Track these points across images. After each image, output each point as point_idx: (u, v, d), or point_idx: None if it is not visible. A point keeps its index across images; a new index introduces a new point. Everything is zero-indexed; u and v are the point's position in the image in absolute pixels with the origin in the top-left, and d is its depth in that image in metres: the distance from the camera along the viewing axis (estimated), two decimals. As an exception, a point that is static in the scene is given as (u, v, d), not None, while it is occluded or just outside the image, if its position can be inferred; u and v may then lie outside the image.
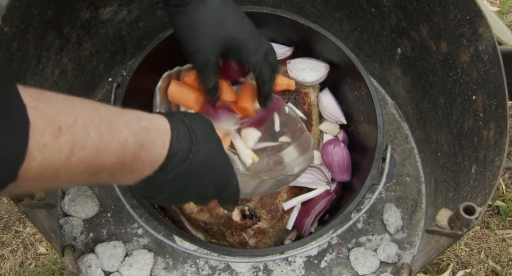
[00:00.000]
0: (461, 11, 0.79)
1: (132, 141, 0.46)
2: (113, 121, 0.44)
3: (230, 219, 0.84)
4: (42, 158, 0.37)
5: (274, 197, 0.87)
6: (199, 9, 0.68)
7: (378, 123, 0.86)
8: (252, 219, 0.86)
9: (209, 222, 0.85)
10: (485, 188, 0.69)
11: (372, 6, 1.00)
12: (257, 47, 0.72)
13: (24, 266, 1.19)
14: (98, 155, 0.42)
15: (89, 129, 0.40)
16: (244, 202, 0.86)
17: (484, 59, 0.75)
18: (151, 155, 0.49)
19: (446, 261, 1.19)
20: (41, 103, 0.38)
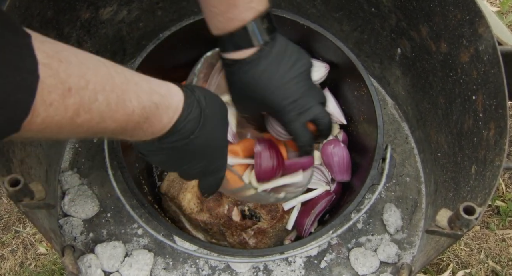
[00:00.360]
0: (461, 11, 0.79)
1: (139, 113, 0.47)
2: (125, 91, 0.45)
3: (230, 219, 0.84)
4: (46, 115, 0.38)
5: None
6: (242, 72, 0.68)
7: (378, 123, 0.86)
8: (252, 219, 0.86)
9: (209, 222, 0.86)
10: (485, 188, 0.69)
11: (372, 6, 1.00)
12: (297, 114, 0.69)
13: (24, 266, 1.19)
14: (101, 121, 0.43)
15: (98, 95, 0.41)
16: (244, 202, 0.86)
17: (484, 59, 0.75)
18: (154, 128, 0.50)
19: (446, 261, 1.19)
20: (55, 62, 0.38)
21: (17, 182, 0.63)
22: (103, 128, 0.44)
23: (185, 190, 0.87)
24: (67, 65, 0.39)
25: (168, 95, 0.51)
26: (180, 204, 0.87)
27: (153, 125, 0.50)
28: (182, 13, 1.08)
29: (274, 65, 0.68)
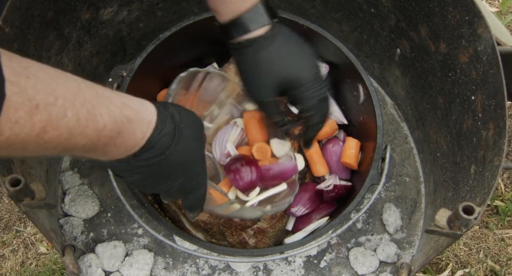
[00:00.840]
0: (460, 11, 0.79)
1: (110, 128, 0.46)
2: (96, 105, 0.44)
3: (230, 219, 0.85)
4: (11, 133, 0.37)
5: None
6: (261, 49, 0.68)
7: (377, 123, 0.86)
8: None
9: (209, 222, 0.86)
10: (484, 188, 0.69)
11: (372, 7, 1.00)
12: (315, 91, 0.70)
13: (25, 265, 1.19)
14: (71, 137, 0.42)
15: (67, 110, 0.41)
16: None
17: (483, 59, 0.75)
18: (127, 143, 0.49)
19: (445, 260, 1.19)
20: (23, 79, 0.37)
21: (17, 182, 0.63)
22: (73, 144, 0.43)
23: None
24: (35, 81, 0.38)
25: (141, 109, 0.50)
26: (180, 204, 0.87)
27: (126, 140, 0.48)
28: (182, 14, 1.08)
29: (290, 40, 0.70)
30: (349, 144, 0.92)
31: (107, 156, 0.50)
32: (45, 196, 0.71)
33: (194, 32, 0.94)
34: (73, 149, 0.44)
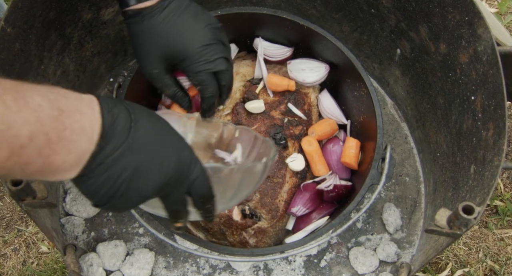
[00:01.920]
0: (460, 12, 0.79)
1: (48, 106, 0.40)
2: (21, 90, 0.39)
3: (231, 219, 0.85)
4: None
5: (275, 197, 0.88)
6: (152, 19, 0.66)
7: (377, 123, 0.87)
8: (253, 218, 0.87)
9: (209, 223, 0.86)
10: (484, 188, 0.69)
11: (372, 7, 1.00)
12: (202, 65, 0.67)
13: (27, 264, 1.20)
14: (9, 127, 0.37)
15: None
16: (245, 201, 0.87)
17: (483, 60, 0.75)
18: (82, 122, 0.42)
19: (445, 260, 1.19)
20: None
21: (19, 181, 0.64)
22: (18, 137, 0.37)
23: None
24: None
25: (74, 94, 0.44)
26: None
27: (76, 119, 0.41)
28: (183, 14, 1.09)
29: (179, 10, 0.67)
30: (349, 144, 0.92)
31: (72, 152, 0.41)
32: (47, 195, 0.71)
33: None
34: (24, 146, 0.38)
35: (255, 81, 0.98)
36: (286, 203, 0.88)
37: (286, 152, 0.91)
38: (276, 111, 0.94)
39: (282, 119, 0.94)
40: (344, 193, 0.90)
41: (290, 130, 0.93)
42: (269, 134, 0.91)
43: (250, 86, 0.97)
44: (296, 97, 0.97)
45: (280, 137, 0.91)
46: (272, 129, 0.91)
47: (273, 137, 0.90)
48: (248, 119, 0.93)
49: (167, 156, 0.47)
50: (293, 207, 0.89)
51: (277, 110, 0.94)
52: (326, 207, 0.92)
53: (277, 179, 0.88)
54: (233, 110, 0.93)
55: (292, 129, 0.93)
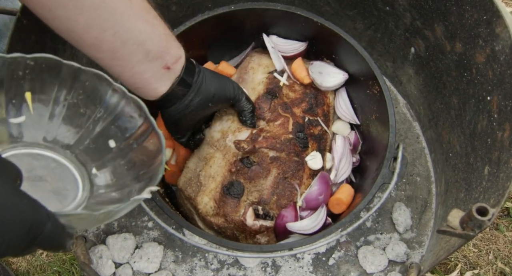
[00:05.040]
0: (478, 11, 0.78)
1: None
2: None
3: (245, 225, 0.84)
4: None
5: (291, 199, 0.86)
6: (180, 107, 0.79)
7: (390, 122, 0.86)
8: (266, 219, 0.86)
9: (223, 226, 0.85)
10: (498, 190, 0.68)
11: (387, 5, 0.99)
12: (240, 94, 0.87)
13: (36, 255, 1.21)
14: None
15: None
16: (261, 203, 0.85)
17: (501, 59, 0.74)
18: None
19: (454, 261, 1.19)
20: None
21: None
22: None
23: (202, 193, 0.86)
24: None
25: None
26: (196, 206, 0.86)
27: None
28: (196, 9, 1.09)
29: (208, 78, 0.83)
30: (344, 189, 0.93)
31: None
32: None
33: (208, 27, 0.94)
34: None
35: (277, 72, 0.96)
36: None
37: (306, 152, 0.89)
38: (298, 109, 0.92)
39: (303, 118, 0.92)
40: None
41: (310, 130, 0.92)
42: (293, 132, 0.89)
43: (273, 78, 0.94)
44: (317, 96, 0.95)
45: (303, 136, 0.89)
46: (295, 127, 0.89)
47: (296, 136, 0.89)
48: (271, 114, 0.90)
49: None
50: None
51: (299, 108, 0.92)
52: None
53: (295, 180, 0.86)
54: (255, 103, 0.90)
55: (312, 129, 0.92)
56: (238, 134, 0.87)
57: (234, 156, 0.86)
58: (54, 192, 0.64)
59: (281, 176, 0.86)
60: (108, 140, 0.69)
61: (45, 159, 0.66)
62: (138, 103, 0.68)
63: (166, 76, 0.71)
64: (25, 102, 0.64)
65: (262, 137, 0.87)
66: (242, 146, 0.85)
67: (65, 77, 0.65)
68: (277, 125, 0.89)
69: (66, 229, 0.48)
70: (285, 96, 0.93)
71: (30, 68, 0.61)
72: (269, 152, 0.86)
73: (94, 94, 0.67)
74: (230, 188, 0.84)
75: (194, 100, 0.78)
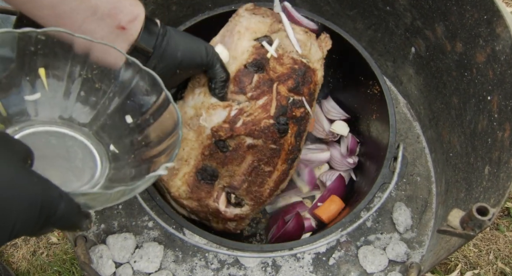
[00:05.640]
0: (479, 10, 0.78)
1: None
2: None
3: (219, 212, 0.82)
4: None
5: (262, 186, 0.83)
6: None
7: (390, 122, 0.86)
8: (236, 206, 0.84)
9: (196, 210, 0.83)
10: (499, 189, 0.68)
11: (387, 5, 0.99)
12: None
13: (36, 254, 1.21)
14: None
15: None
16: (231, 189, 0.83)
17: (501, 59, 0.74)
18: None
19: (454, 261, 1.19)
20: None
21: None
22: None
23: (175, 177, 0.81)
24: None
25: None
26: (168, 189, 0.83)
27: None
28: (196, 9, 1.09)
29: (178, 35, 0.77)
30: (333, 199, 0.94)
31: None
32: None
33: (208, 27, 0.94)
34: None
35: (262, 39, 0.84)
36: (271, 190, 0.84)
37: (284, 138, 0.82)
38: (283, 86, 0.82)
39: (287, 98, 0.82)
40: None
41: (292, 112, 0.82)
42: (274, 116, 0.80)
43: (260, 47, 0.83)
44: (306, 73, 0.84)
45: (283, 122, 0.81)
46: (278, 110, 0.80)
47: (276, 121, 0.80)
48: (253, 90, 0.80)
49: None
50: None
51: (285, 85, 0.82)
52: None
53: (269, 167, 0.82)
54: (235, 76, 0.81)
55: (294, 111, 0.82)
56: (212, 112, 0.80)
57: (209, 139, 0.79)
58: (71, 170, 0.62)
59: (256, 164, 0.81)
60: (125, 116, 0.67)
61: (62, 136, 0.64)
62: (153, 77, 0.65)
63: (121, 38, 0.65)
64: (39, 79, 0.62)
65: (242, 123, 0.79)
66: (219, 134, 0.78)
67: (78, 52, 0.62)
68: (259, 106, 0.80)
69: (81, 209, 0.48)
70: (272, 70, 0.82)
71: (42, 43, 0.59)
72: (246, 138, 0.80)
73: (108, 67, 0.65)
74: (204, 174, 0.81)
75: (157, 66, 0.70)
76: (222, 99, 0.80)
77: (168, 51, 0.70)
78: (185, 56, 0.72)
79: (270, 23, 0.86)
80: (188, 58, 0.73)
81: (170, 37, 0.71)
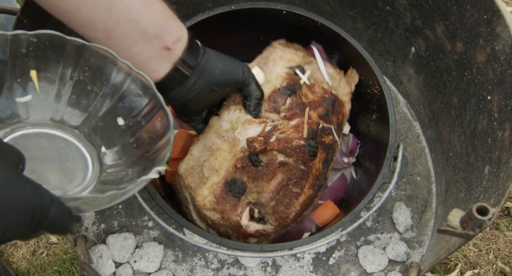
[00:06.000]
0: (479, 10, 0.78)
1: None
2: None
3: (240, 227, 0.82)
4: None
5: (289, 207, 0.83)
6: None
7: (390, 122, 0.86)
8: (259, 222, 0.84)
9: (218, 223, 0.83)
10: (499, 189, 0.68)
11: (387, 4, 0.99)
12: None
13: (36, 254, 1.21)
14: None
15: None
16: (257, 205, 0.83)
17: (501, 59, 0.74)
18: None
19: (454, 261, 1.19)
20: None
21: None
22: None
23: (203, 186, 0.82)
24: None
25: None
26: (194, 197, 0.84)
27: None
28: (196, 8, 1.09)
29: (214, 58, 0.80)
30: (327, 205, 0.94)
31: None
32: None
33: (208, 26, 0.94)
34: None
35: (295, 68, 0.89)
36: (296, 214, 0.84)
37: (313, 162, 0.84)
38: (314, 113, 0.86)
39: (317, 124, 0.85)
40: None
41: (322, 138, 0.85)
42: (306, 138, 0.83)
43: (294, 75, 0.88)
44: (335, 103, 0.89)
45: (314, 145, 0.83)
46: (309, 133, 0.83)
47: (307, 143, 0.83)
48: (286, 111, 0.84)
49: None
50: None
51: (316, 112, 0.86)
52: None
53: (297, 189, 0.83)
54: (270, 96, 0.85)
55: (324, 137, 0.85)
56: (248, 126, 0.83)
57: (242, 152, 0.81)
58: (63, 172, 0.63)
59: (285, 183, 0.82)
60: (117, 118, 0.67)
61: (53, 138, 0.64)
62: (145, 80, 0.65)
63: (166, 58, 0.69)
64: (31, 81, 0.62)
65: (275, 138, 0.81)
66: (254, 145, 0.80)
67: (70, 54, 0.63)
68: (292, 126, 0.83)
69: (72, 213, 0.48)
70: (304, 96, 0.87)
71: (34, 45, 0.59)
72: (278, 155, 0.82)
73: (100, 70, 0.65)
74: (232, 186, 0.81)
75: (197, 83, 0.74)
76: (256, 116, 0.84)
77: (207, 69, 0.74)
78: (223, 73, 0.76)
79: (303, 55, 0.93)
80: (226, 75, 0.77)
81: (209, 56, 0.75)
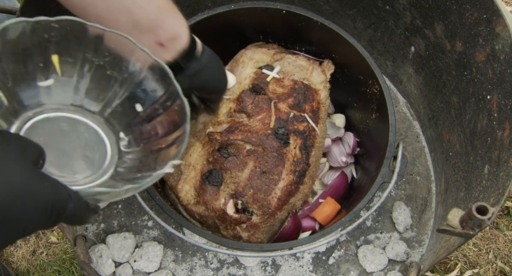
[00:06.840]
0: (478, 10, 0.78)
1: None
2: None
3: (225, 213, 0.83)
4: None
5: (268, 193, 0.84)
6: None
7: (390, 121, 0.86)
8: (245, 213, 0.84)
9: (204, 215, 0.84)
10: (498, 189, 0.68)
11: (387, 4, 0.99)
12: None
13: (36, 254, 1.21)
14: None
15: None
16: (238, 196, 0.84)
17: (501, 58, 0.74)
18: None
19: (454, 260, 1.19)
20: None
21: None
22: None
23: (183, 181, 0.86)
24: None
25: None
26: (177, 194, 0.86)
27: None
28: (196, 8, 1.09)
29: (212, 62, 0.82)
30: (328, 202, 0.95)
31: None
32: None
33: (208, 26, 0.94)
34: None
35: (263, 67, 0.94)
36: (279, 200, 0.85)
37: (287, 148, 0.87)
38: (283, 104, 0.90)
39: (288, 113, 0.89)
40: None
41: (294, 125, 0.88)
42: (274, 128, 0.87)
43: (261, 74, 0.93)
44: (306, 92, 0.93)
45: (283, 132, 0.87)
46: (277, 123, 0.87)
47: (275, 132, 0.87)
48: (253, 108, 0.88)
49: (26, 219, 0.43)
50: None
51: (285, 103, 0.91)
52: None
53: (273, 175, 0.85)
54: (239, 97, 0.89)
55: (296, 124, 0.89)
56: (218, 127, 0.88)
57: (212, 146, 0.86)
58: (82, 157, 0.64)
59: (258, 170, 0.84)
60: (135, 104, 0.68)
61: (74, 123, 0.65)
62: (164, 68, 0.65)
63: (160, 54, 0.66)
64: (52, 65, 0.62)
65: (238, 130, 0.86)
66: (215, 137, 0.85)
67: (90, 39, 0.63)
68: (257, 120, 0.87)
69: (90, 206, 0.50)
70: (271, 92, 0.91)
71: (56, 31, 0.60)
72: (245, 145, 0.85)
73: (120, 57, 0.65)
74: (209, 177, 0.84)
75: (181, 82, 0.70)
76: (213, 111, 0.89)
77: (198, 77, 0.73)
78: (208, 87, 0.77)
79: (273, 53, 0.98)
80: (212, 87, 0.79)
81: (206, 63, 0.74)
